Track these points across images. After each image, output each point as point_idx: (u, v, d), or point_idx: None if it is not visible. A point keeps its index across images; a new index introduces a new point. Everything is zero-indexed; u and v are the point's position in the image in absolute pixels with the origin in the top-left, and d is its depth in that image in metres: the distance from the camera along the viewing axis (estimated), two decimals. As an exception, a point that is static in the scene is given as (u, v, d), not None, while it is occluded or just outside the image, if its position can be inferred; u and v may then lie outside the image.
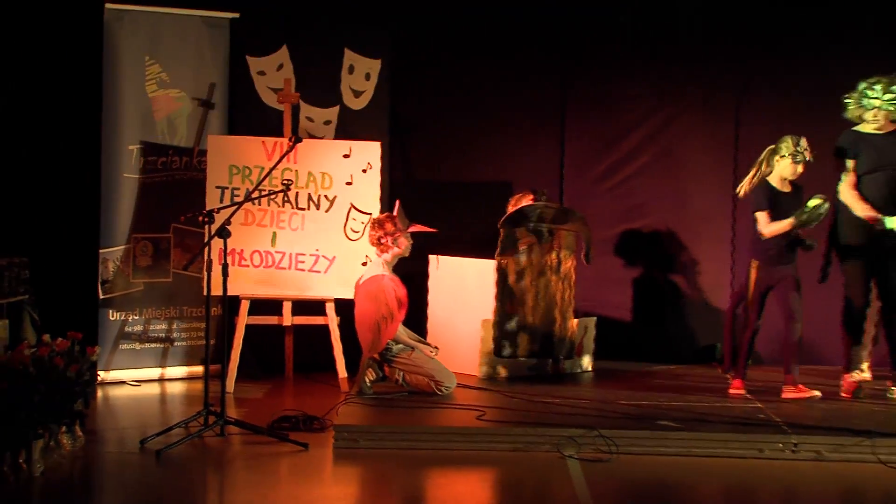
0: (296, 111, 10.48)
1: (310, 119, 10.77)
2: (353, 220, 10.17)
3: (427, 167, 11.15)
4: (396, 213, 9.49)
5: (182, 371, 10.50)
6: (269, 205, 10.07)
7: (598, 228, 10.77)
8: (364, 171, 10.20)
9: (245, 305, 10.02)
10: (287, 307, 10.22)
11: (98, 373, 9.65)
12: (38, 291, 9.48)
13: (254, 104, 10.71)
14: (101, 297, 10.19)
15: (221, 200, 9.88)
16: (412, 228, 9.54)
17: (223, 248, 8.32)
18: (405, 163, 11.07)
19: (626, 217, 11.26)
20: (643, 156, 11.22)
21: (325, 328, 10.08)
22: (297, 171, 10.09)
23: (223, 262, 8.31)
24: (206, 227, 8.44)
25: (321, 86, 10.78)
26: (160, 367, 10.44)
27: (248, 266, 10.07)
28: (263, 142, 10.16)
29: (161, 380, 10.40)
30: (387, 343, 9.25)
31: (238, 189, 9.98)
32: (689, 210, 11.22)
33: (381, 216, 9.59)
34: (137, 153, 10.28)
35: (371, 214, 9.96)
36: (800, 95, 10.82)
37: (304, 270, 10.15)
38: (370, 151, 10.22)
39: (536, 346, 10.06)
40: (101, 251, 10.19)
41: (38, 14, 10.39)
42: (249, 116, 10.66)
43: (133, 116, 10.26)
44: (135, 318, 10.32)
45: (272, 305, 10.22)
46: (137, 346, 10.35)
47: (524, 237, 9.97)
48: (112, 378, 10.18)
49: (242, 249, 10.00)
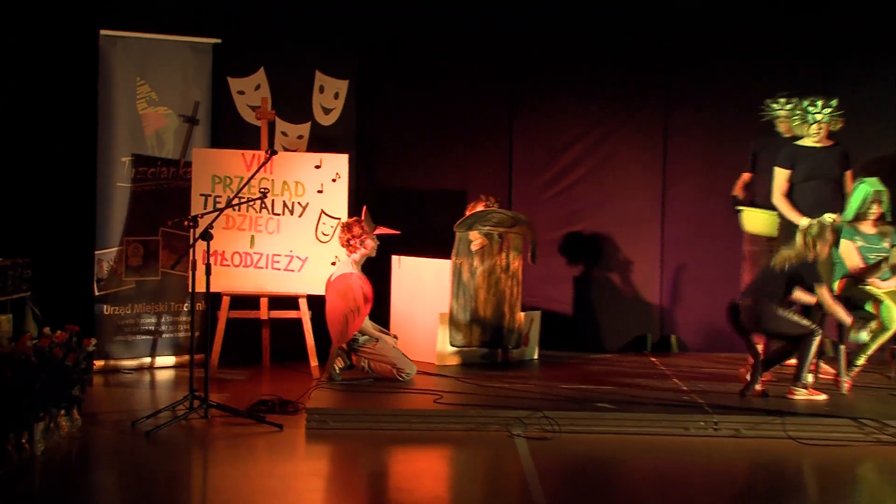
0: (272, 127, 10.47)
1: (284, 134, 10.77)
2: (324, 224, 10.16)
3: (389, 177, 11.13)
4: (364, 218, 9.49)
5: (170, 360, 10.48)
6: (248, 211, 10.05)
7: (543, 231, 10.79)
8: (333, 181, 10.19)
9: (226, 301, 10.02)
10: (264, 303, 10.23)
11: (93, 362, 9.62)
12: (39, 289, 9.44)
13: (234, 120, 10.71)
14: (97, 294, 10.16)
15: (205, 207, 9.86)
16: (378, 231, 9.54)
17: (206, 250, 8.32)
18: (370, 173, 11.06)
19: (568, 221, 11.26)
20: (582, 166, 11.23)
21: (299, 321, 10.10)
22: (273, 181, 10.08)
23: (206, 262, 8.31)
24: (191, 231, 8.47)
25: (294, 104, 10.79)
26: (150, 357, 10.41)
27: (229, 266, 10.05)
28: (243, 154, 10.14)
29: (151, 368, 10.38)
30: (354, 334, 9.26)
31: (220, 196, 9.96)
32: (623, 215, 11.23)
33: (350, 220, 9.58)
34: (129, 164, 10.24)
35: (340, 219, 9.96)
36: (718, 113, 10.91)
37: (280, 269, 10.14)
38: (339, 163, 10.22)
39: (488, 337, 10.06)
40: (97, 252, 10.16)
41: (40, 40, 10.33)
42: (230, 131, 10.65)
43: (125, 131, 10.23)
44: (127, 313, 10.29)
45: (251, 301, 10.23)
46: (129, 338, 10.32)
47: (477, 239, 9.98)
48: (106, 366, 10.14)
49: (224, 251, 9.99)
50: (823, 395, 8.71)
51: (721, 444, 7.93)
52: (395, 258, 10.23)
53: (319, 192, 10.20)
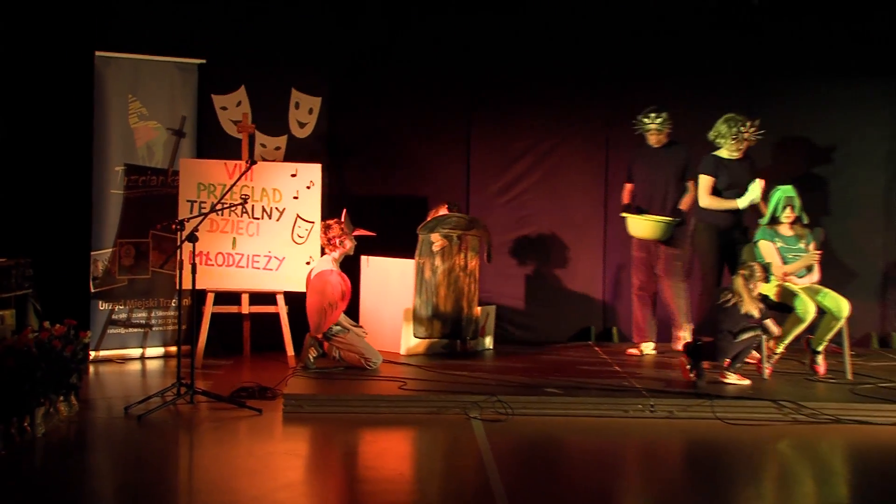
0: (252, 139, 10.47)
1: (263, 145, 10.77)
2: (299, 228, 10.16)
3: (358, 184, 11.12)
4: (343, 219, 9.52)
5: (159, 351, 10.47)
6: (230, 215, 10.05)
7: (497, 233, 10.81)
8: (308, 188, 10.19)
9: (210, 297, 10.01)
10: (245, 299, 10.23)
11: (89, 352, 9.64)
12: (40, 286, 9.43)
13: (217, 133, 10.70)
14: (92, 291, 10.14)
15: (191, 211, 9.85)
16: (356, 232, 9.57)
17: (192, 251, 8.34)
18: (341, 181, 11.06)
19: (519, 224, 11.28)
20: (533, 175, 11.25)
21: (276, 315, 10.10)
22: (253, 188, 10.08)
23: (192, 262, 8.33)
24: (178, 234, 8.45)
25: (272, 118, 10.78)
26: (141, 348, 10.40)
27: (213, 265, 10.04)
28: (225, 164, 10.13)
29: (142, 358, 10.36)
30: (329, 326, 9.28)
31: (205, 202, 9.95)
32: (569, 219, 11.26)
33: (331, 221, 9.58)
34: (122, 173, 10.23)
35: (313, 223, 9.98)
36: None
37: (259, 269, 10.13)
38: (312, 172, 10.22)
39: (448, 329, 10.09)
40: (93, 253, 10.14)
41: (43, 60, 10.32)
42: (214, 143, 10.63)
43: (118, 143, 10.21)
44: (120, 308, 10.27)
45: (233, 297, 10.23)
46: (122, 331, 10.30)
47: (438, 241, 10.01)
48: (101, 356, 10.13)
49: (208, 252, 9.98)
50: (748, 381, 8.80)
51: (656, 425, 8.01)
52: (364, 258, 10.24)
53: (295, 198, 10.20)
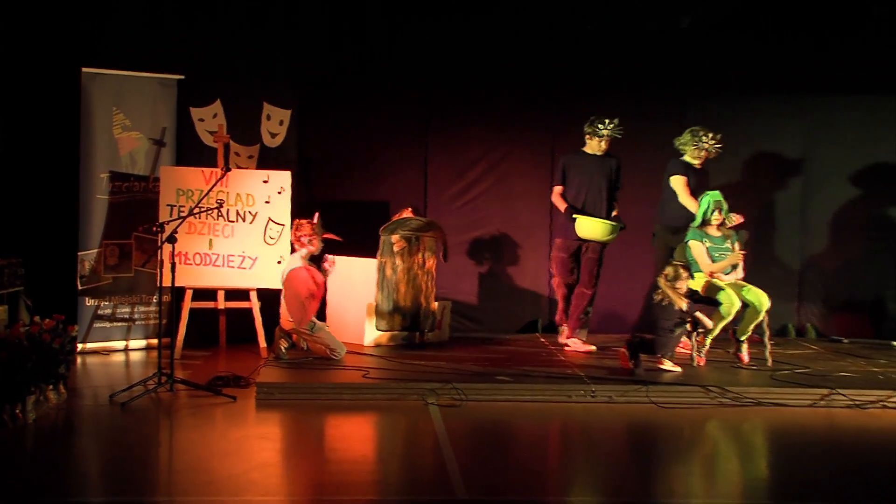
0: (227, 148, 10.40)
1: (237, 154, 10.74)
2: (271, 230, 10.15)
3: (325, 190, 11.10)
4: (315, 221, 9.50)
5: (141, 343, 10.41)
6: (207, 218, 10.02)
7: (452, 235, 10.83)
8: (278, 193, 10.17)
9: (189, 294, 9.98)
10: (221, 295, 10.20)
11: (77, 345, 9.59)
12: (31, 284, 9.37)
13: (195, 143, 10.64)
14: (80, 288, 10.08)
15: (171, 215, 9.81)
16: (325, 235, 9.55)
17: (172, 251, 8.30)
18: (309, 186, 11.04)
19: (473, 227, 11.31)
20: (485, 181, 11.29)
21: (250, 310, 10.08)
22: (228, 193, 10.05)
23: (172, 262, 8.28)
24: (159, 235, 8.42)
25: (246, 129, 10.75)
26: (124, 341, 10.34)
27: (192, 264, 10.01)
28: (202, 171, 10.10)
29: (125, 350, 10.30)
30: (312, 316, 9.24)
31: (183, 206, 9.91)
32: (518, 222, 11.31)
33: (304, 221, 9.51)
34: (107, 179, 10.17)
35: (284, 226, 9.97)
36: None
37: (234, 267, 10.11)
38: (283, 178, 10.20)
39: (407, 323, 10.11)
40: (80, 253, 10.07)
41: (33, 75, 10.29)
42: (192, 152, 10.57)
43: (103, 152, 10.16)
44: (105, 304, 10.22)
45: (209, 294, 10.18)
46: (107, 325, 10.25)
47: (398, 242, 10.03)
48: (88, 349, 10.07)
49: (187, 252, 9.94)
50: (679, 368, 8.88)
51: (597, 409, 8.06)
52: (330, 258, 10.19)
53: (267, 203, 10.18)
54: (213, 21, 10.75)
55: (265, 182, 10.19)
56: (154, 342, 10.11)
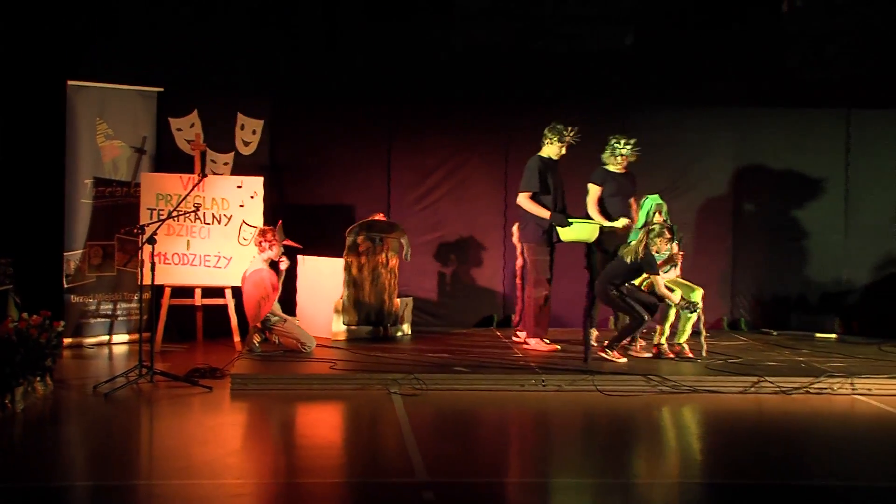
0: (203, 156, 10.39)
1: (213, 161, 10.70)
2: (244, 232, 10.13)
3: (295, 194, 11.08)
4: (278, 229, 9.48)
5: (123, 338, 10.35)
6: (185, 221, 9.98)
7: (414, 236, 10.81)
8: (251, 198, 10.16)
9: (168, 291, 9.95)
10: (198, 292, 10.18)
11: (63, 339, 9.49)
12: (19, 282, 9.30)
13: (173, 151, 10.60)
14: (65, 287, 10.00)
15: (151, 218, 9.76)
16: (285, 242, 9.53)
17: (152, 252, 8.27)
18: (280, 191, 11.02)
19: (433, 228, 11.31)
20: (444, 186, 11.30)
21: (225, 307, 10.08)
22: (205, 197, 10.02)
23: (152, 261, 8.25)
24: (140, 237, 8.38)
25: (221, 138, 10.71)
26: (108, 335, 10.27)
27: (170, 264, 9.97)
28: (181, 177, 10.07)
29: (108, 344, 10.24)
30: (266, 315, 9.24)
31: (163, 210, 9.86)
32: (475, 224, 11.32)
33: (266, 227, 9.54)
34: (91, 185, 10.11)
35: (257, 227, 9.93)
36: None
37: (210, 267, 10.08)
38: (256, 184, 10.19)
39: (372, 318, 10.10)
40: (65, 254, 10.00)
41: (22, 88, 10.25)
42: (170, 159, 10.53)
43: (87, 159, 10.09)
44: (89, 301, 10.14)
45: (187, 291, 10.16)
46: (91, 321, 10.18)
47: (363, 243, 10.02)
48: (73, 343, 9.99)
49: (166, 252, 9.90)
50: (624, 359, 8.94)
51: (547, 397, 8.09)
52: (300, 258, 10.20)
53: (241, 207, 10.16)
54: (191, 37, 10.70)
55: (239, 187, 10.16)
56: (135, 336, 10.08)
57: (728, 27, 11.45)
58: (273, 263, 9.41)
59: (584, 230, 9.38)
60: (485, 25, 11.22)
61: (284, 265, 9.42)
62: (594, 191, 9.66)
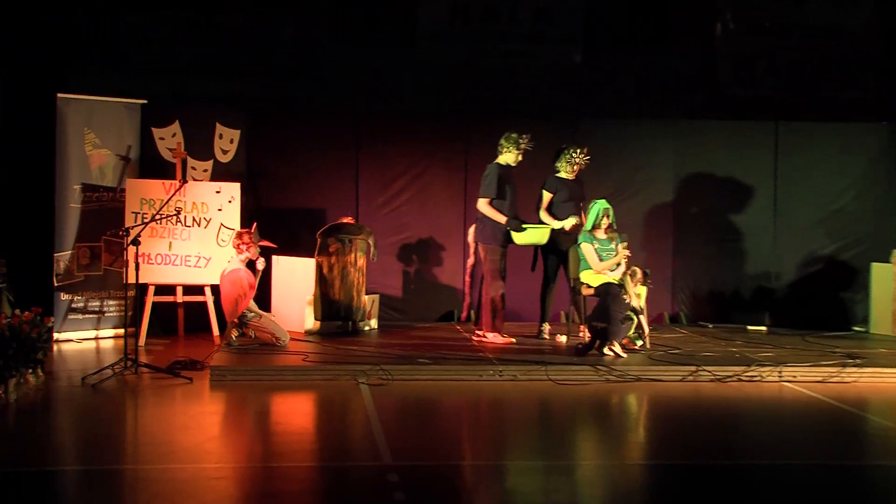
0: (184, 163, 10.33)
1: (193, 168, 10.63)
2: (223, 234, 10.08)
3: (270, 199, 11.02)
4: (253, 231, 9.47)
5: (110, 332, 10.26)
6: (167, 224, 9.93)
7: (380, 237, 10.77)
8: (229, 202, 10.12)
9: (151, 289, 9.89)
10: (179, 290, 10.13)
11: (53, 334, 9.44)
12: (12, 281, 9.27)
13: (156, 158, 10.53)
14: (56, 285, 9.92)
15: (135, 221, 9.69)
16: (261, 243, 9.51)
17: (136, 252, 8.25)
18: (256, 196, 10.97)
19: (398, 231, 11.27)
20: (408, 192, 11.27)
21: (205, 304, 10.04)
22: (185, 202, 9.97)
23: (136, 261, 8.23)
24: (125, 239, 8.37)
25: (201, 146, 10.65)
26: (95, 330, 10.19)
27: (153, 264, 9.91)
28: (163, 183, 10.02)
29: (96, 338, 10.17)
30: (242, 311, 9.22)
31: (146, 214, 9.80)
32: (436, 226, 11.30)
33: (242, 230, 9.53)
34: (79, 190, 10.03)
35: (234, 230, 9.91)
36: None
37: (191, 266, 10.04)
38: (233, 189, 10.16)
39: (341, 313, 10.07)
40: (56, 254, 9.92)
41: (15, 100, 10.22)
42: (153, 166, 10.45)
43: (76, 166, 10.01)
44: (78, 298, 10.07)
45: (169, 289, 10.11)
46: (80, 317, 10.10)
47: (333, 244, 10.02)
48: (62, 338, 9.91)
49: (149, 253, 9.84)
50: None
51: (504, 386, 8.12)
52: (275, 258, 10.17)
53: (219, 210, 10.12)
54: (173, 55, 10.69)
55: (217, 192, 10.13)
56: (121, 331, 9.99)
57: (668, 47, 11.68)
58: (251, 263, 9.40)
59: (536, 234, 9.48)
60: (445, 43, 11.28)
61: (261, 265, 9.41)
62: (547, 198, 9.77)
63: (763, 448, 6.61)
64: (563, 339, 9.64)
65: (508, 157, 9.60)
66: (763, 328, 10.94)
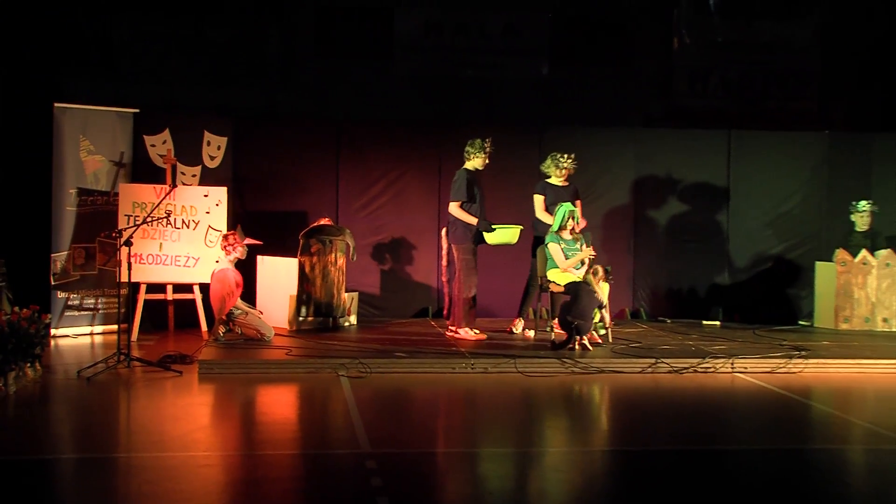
0: (174, 169, 10.27)
1: (183, 173, 10.57)
2: (210, 235, 10.03)
3: (255, 202, 10.95)
4: (238, 231, 9.44)
5: (104, 328, 10.21)
6: (158, 226, 9.86)
7: (359, 238, 10.76)
8: (217, 205, 10.08)
9: (143, 288, 9.84)
10: (169, 288, 10.08)
11: (50, 330, 9.35)
12: (11, 280, 9.23)
13: (148, 164, 10.46)
14: (52, 284, 9.85)
15: (128, 223, 9.63)
16: (247, 241, 9.49)
17: (128, 253, 8.22)
18: (242, 200, 10.91)
19: (376, 232, 11.24)
20: (385, 195, 11.23)
21: (194, 301, 9.99)
22: (175, 205, 9.93)
23: (128, 261, 8.20)
24: (118, 240, 8.32)
25: (190, 153, 10.59)
26: (90, 327, 10.13)
27: (145, 263, 9.86)
28: (154, 187, 9.96)
29: (91, 334, 10.10)
30: (230, 309, 9.20)
31: (138, 216, 9.74)
32: (412, 228, 11.26)
33: (229, 232, 9.52)
34: (75, 194, 9.97)
35: (221, 232, 9.88)
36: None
37: (180, 266, 9.98)
38: (220, 193, 10.12)
39: (322, 310, 10.05)
40: (52, 255, 9.86)
41: (14, 109, 10.16)
42: (145, 172, 10.38)
43: (72, 172, 9.95)
44: (73, 296, 10.00)
45: (160, 288, 10.07)
46: (75, 314, 10.03)
47: (315, 245, 10.00)
48: (59, 333, 9.84)
49: (141, 253, 9.79)
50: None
51: (475, 378, 8.14)
52: (259, 258, 10.14)
53: (207, 213, 10.07)
54: (163, 65, 10.64)
55: (205, 196, 10.09)
56: (114, 328, 9.95)
57: (628, 60, 11.78)
58: (239, 263, 9.38)
59: (507, 234, 9.43)
60: (420, 56, 11.31)
61: (242, 254, 9.40)
62: (539, 200, 9.79)
63: (717, 434, 6.67)
64: (532, 335, 9.66)
65: (476, 162, 9.58)
66: (717, 323, 11.01)
